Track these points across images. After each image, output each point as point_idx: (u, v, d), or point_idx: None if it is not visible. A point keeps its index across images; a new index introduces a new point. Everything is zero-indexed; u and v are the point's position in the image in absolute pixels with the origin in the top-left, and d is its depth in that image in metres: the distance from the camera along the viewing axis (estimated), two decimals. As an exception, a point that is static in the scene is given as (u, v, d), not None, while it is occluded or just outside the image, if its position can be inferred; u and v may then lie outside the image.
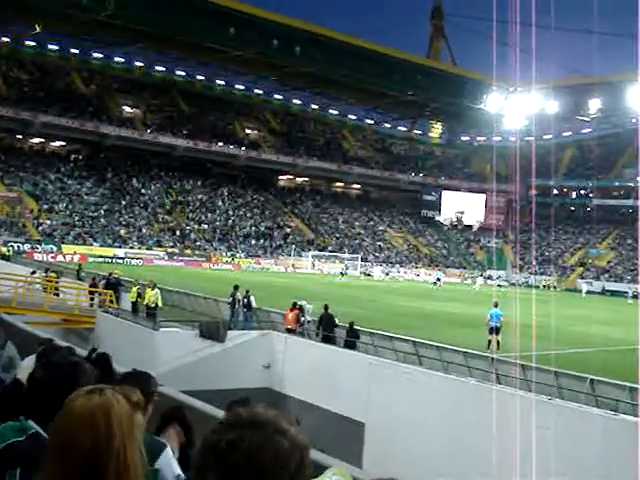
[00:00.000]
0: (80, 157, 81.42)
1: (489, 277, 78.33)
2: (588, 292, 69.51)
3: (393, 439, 18.40)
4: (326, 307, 24.62)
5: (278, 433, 1.55)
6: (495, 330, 25.45)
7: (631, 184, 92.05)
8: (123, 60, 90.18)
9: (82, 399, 1.86)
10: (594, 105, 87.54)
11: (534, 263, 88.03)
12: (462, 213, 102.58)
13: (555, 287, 71.43)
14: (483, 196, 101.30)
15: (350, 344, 22.89)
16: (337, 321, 24.20)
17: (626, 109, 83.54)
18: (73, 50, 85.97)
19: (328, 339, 23.96)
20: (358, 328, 23.45)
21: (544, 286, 70.51)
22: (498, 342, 25.00)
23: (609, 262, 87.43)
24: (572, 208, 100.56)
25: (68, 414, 1.85)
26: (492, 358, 20.18)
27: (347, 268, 75.04)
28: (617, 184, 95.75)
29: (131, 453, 1.81)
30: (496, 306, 26.41)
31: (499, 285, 62.01)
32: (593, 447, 14.05)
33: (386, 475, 1.70)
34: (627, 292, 67.30)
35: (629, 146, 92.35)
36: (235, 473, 1.50)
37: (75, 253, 61.91)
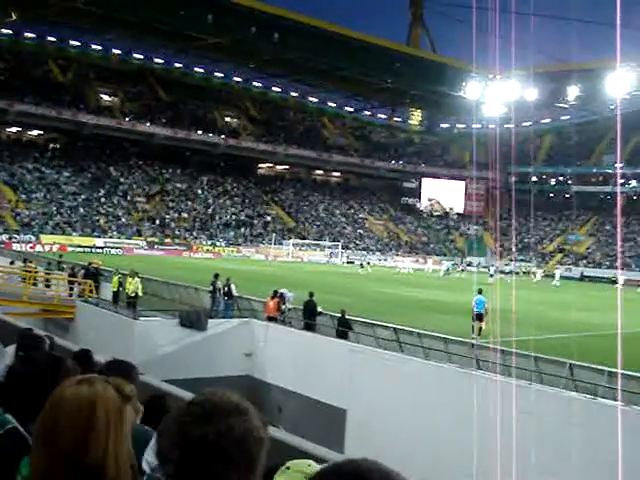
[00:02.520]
0: (58, 146, 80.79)
1: (469, 264, 78.48)
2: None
3: (375, 425, 18.50)
4: (311, 294, 24.57)
5: (246, 414, 1.60)
6: (478, 316, 25.56)
7: (609, 171, 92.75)
8: (100, 48, 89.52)
9: (70, 389, 1.84)
10: (573, 92, 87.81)
11: (514, 249, 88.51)
12: (433, 199, 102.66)
13: (534, 273, 71.37)
14: (463, 183, 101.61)
15: (341, 334, 22.75)
16: (319, 309, 24.16)
17: (605, 96, 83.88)
18: (50, 38, 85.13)
19: (309, 327, 23.96)
20: (349, 318, 23.29)
21: (524, 272, 70.68)
22: (480, 328, 25.08)
23: (588, 248, 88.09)
24: (551, 195, 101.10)
25: (55, 403, 1.84)
26: (472, 344, 20.29)
27: (367, 260, 69.98)
28: (595, 171, 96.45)
29: (116, 447, 1.78)
30: (480, 293, 26.52)
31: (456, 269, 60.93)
32: (573, 431, 14.19)
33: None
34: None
35: (607, 133, 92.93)
36: (228, 460, 1.54)
37: (54, 243, 61.51)
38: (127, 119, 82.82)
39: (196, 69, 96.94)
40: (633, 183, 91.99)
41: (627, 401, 14.35)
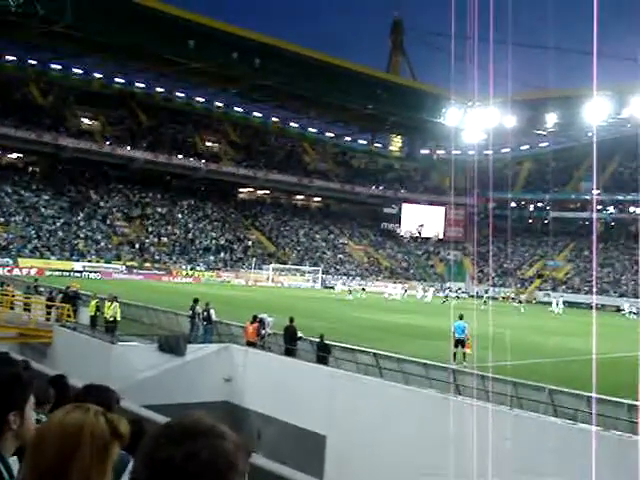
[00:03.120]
0: (37, 169, 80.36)
1: (449, 289, 78.67)
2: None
3: (354, 451, 18.39)
4: (291, 320, 24.49)
5: (219, 437, 1.57)
6: (460, 342, 25.20)
7: (587, 197, 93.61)
8: (82, 71, 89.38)
9: (61, 413, 1.86)
10: (551, 119, 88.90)
11: (492, 275, 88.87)
12: (422, 226, 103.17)
13: (514, 299, 71.11)
14: (442, 209, 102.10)
15: (321, 359, 22.65)
16: (299, 334, 24.07)
17: (582, 123, 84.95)
18: (31, 61, 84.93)
19: (289, 352, 23.85)
20: (328, 342, 23.22)
21: (503, 298, 70.85)
22: (464, 354, 24.70)
23: (566, 274, 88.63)
24: (530, 221, 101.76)
25: (45, 426, 1.87)
26: (453, 370, 20.25)
27: (362, 287, 70.13)
28: (573, 197, 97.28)
29: (97, 476, 1.79)
30: (461, 318, 26.15)
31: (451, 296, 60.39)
32: (552, 455, 14.18)
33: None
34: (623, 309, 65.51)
35: (585, 160, 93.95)
36: None
37: (32, 267, 60.98)
38: (107, 143, 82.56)
39: (177, 94, 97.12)
40: (611, 209, 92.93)
41: (609, 426, 14.37)
